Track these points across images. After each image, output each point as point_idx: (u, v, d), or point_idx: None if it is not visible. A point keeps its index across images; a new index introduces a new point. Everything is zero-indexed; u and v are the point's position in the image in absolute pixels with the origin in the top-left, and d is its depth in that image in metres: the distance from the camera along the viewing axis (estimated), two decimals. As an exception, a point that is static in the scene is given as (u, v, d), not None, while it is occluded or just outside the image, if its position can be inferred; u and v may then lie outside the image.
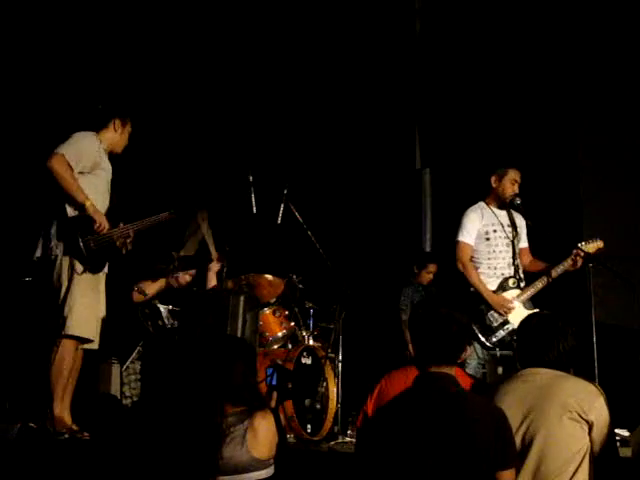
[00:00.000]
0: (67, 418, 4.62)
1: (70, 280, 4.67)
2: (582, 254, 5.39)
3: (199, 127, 7.75)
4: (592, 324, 5.34)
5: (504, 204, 5.55)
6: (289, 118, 7.90)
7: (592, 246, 5.52)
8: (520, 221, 5.63)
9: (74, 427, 4.60)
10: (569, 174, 7.27)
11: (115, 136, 5.02)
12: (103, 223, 4.79)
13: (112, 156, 5.10)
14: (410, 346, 3.11)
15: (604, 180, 7.29)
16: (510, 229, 5.53)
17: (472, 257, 5.51)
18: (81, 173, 4.80)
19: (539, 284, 5.47)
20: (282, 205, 5.84)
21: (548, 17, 7.31)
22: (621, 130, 7.18)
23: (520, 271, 5.51)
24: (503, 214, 5.55)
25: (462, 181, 7.30)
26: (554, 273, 5.47)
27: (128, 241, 5.00)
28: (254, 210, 5.74)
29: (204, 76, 7.78)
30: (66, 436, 4.49)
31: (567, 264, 5.45)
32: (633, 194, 7.09)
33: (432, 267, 7.26)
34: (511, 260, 5.50)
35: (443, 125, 8.02)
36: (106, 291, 4.99)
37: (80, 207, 4.73)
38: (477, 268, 5.47)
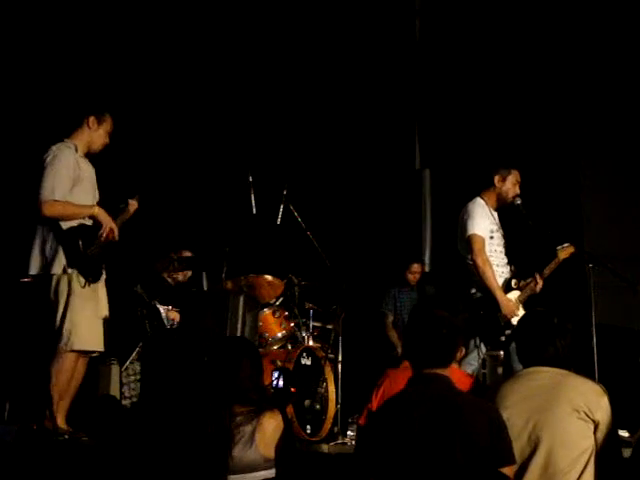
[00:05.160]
0: (61, 422, 4.62)
1: (69, 296, 4.63)
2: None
3: (199, 128, 7.74)
4: (592, 324, 5.33)
5: (501, 204, 5.51)
6: (289, 118, 7.90)
7: (566, 251, 5.52)
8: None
9: (68, 429, 4.59)
10: (569, 174, 7.28)
11: (90, 134, 4.88)
12: (109, 226, 4.77)
13: (93, 155, 4.99)
14: (398, 348, 3.12)
15: (604, 181, 7.29)
16: (502, 230, 5.51)
17: None
18: None
19: (534, 286, 5.46)
20: (282, 206, 5.84)
21: (549, 16, 7.32)
22: (621, 130, 7.19)
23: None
24: (496, 215, 5.53)
25: (462, 181, 7.29)
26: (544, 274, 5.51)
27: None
28: (254, 211, 5.74)
29: (204, 77, 7.78)
30: (66, 437, 4.49)
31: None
32: (633, 195, 7.10)
33: (415, 267, 7.18)
34: (506, 260, 5.48)
35: (443, 125, 8.02)
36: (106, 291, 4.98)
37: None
38: None
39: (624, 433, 4.57)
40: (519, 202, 5.49)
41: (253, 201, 5.73)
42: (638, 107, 7.01)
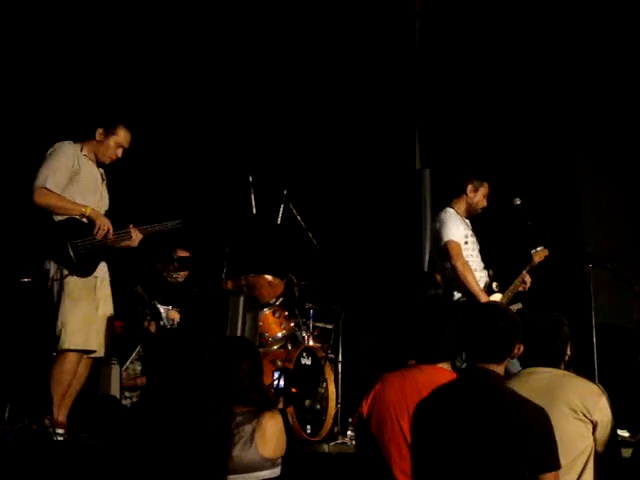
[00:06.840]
0: (62, 420, 4.62)
1: (60, 292, 4.68)
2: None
3: (199, 128, 7.74)
4: (592, 324, 5.34)
5: (471, 215, 5.58)
6: (289, 119, 7.90)
7: (540, 254, 5.54)
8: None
9: (66, 429, 4.60)
10: (569, 173, 7.27)
11: (97, 145, 5.00)
12: (104, 225, 4.79)
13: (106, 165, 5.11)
14: None
15: (604, 180, 7.29)
16: (475, 237, 5.55)
17: None
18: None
19: (514, 289, 5.49)
20: (282, 205, 5.84)
21: (549, 16, 7.31)
22: (621, 130, 7.19)
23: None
24: (468, 222, 5.58)
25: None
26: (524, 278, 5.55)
27: (134, 243, 5.01)
28: (254, 211, 5.74)
29: (204, 77, 7.78)
30: (65, 436, 4.50)
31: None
32: (633, 194, 7.10)
33: None
34: (483, 264, 5.51)
35: (443, 126, 8.02)
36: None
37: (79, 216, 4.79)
38: None
39: (624, 433, 4.58)
40: (519, 202, 5.54)
41: (253, 201, 5.73)
42: (638, 106, 7.01)
